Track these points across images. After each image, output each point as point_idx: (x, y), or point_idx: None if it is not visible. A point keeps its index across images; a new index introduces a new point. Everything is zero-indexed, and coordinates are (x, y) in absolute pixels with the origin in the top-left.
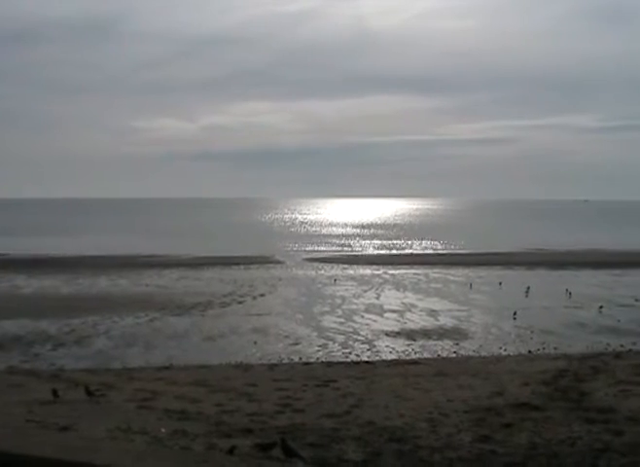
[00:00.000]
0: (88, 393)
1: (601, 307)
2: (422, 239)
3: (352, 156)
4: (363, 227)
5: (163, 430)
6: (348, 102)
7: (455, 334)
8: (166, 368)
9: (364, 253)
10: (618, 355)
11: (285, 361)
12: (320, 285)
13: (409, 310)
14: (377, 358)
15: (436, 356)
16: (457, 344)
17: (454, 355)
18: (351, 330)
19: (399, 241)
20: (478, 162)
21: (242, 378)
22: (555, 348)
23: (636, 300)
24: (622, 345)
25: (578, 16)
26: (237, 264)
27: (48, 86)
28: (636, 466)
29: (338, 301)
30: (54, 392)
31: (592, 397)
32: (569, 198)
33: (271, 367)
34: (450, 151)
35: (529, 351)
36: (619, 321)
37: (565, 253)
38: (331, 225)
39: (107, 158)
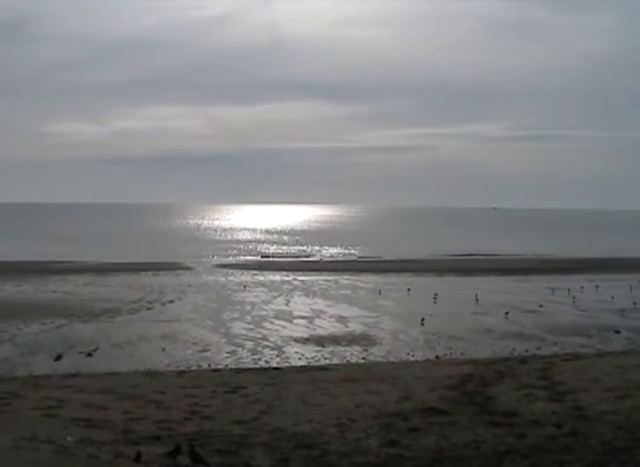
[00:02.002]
0: None
1: (507, 313)
2: (333, 246)
3: (264, 162)
4: (274, 233)
5: (69, 438)
6: (261, 108)
7: (364, 340)
8: (73, 375)
9: (274, 259)
10: (522, 360)
11: (194, 368)
12: (230, 291)
13: (319, 317)
14: (287, 364)
15: (345, 362)
16: (366, 350)
17: (363, 361)
18: (260, 336)
19: (309, 248)
20: (388, 170)
21: (150, 386)
22: (462, 354)
23: (540, 306)
24: (526, 350)
25: (487, 28)
26: (146, 270)
27: None
28: None
29: (248, 307)
30: None
31: (497, 401)
32: (479, 206)
33: (180, 374)
34: (362, 158)
35: (436, 357)
36: (524, 327)
37: (473, 260)
38: (242, 231)
39: (15, 162)
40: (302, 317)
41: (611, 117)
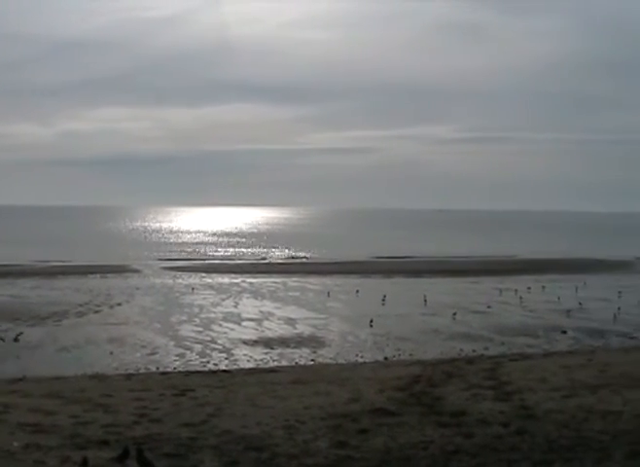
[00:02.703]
0: None
1: (455, 314)
2: (281, 248)
3: (214, 164)
4: (223, 235)
5: (16, 444)
6: (210, 110)
7: (313, 342)
8: (20, 380)
9: (223, 262)
10: (470, 360)
11: (142, 371)
12: (178, 294)
13: (268, 319)
14: (235, 367)
15: (293, 364)
16: (315, 352)
17: (312, 363)
18: (209, 339)
19: (258, 250)
20: (338, 172)
21: (98, 389)
22: (411, 355)
23: (488, 306)
24: (474, 351)
25: (435, 30)
26: (94, 273)
27: None
28: (484, 466)
29: (196, 309)
30: None
31: (445, 401)
32: (426, 208)
33: (128, 377)
34: (311, 160)
35: (385, 358)
36: (471, 327)
37: (421, 261)
38: (191, 234)
39: None
40: (251, 319)
41: (557, 119)
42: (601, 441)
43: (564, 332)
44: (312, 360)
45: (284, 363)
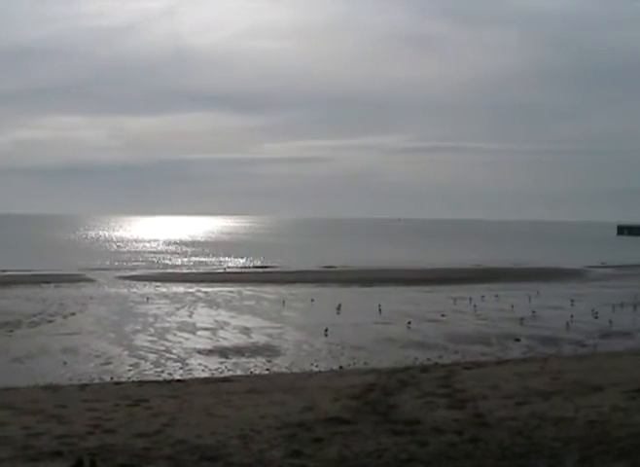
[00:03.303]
0: None
1: (409, 323)
2: (237, 257)
3: (169, 173)
4: (178, 244)
5: None
6: (165, 119)
7: (268, 351)
8: None
9: (177, 271)
10: (424, 369)
11: (96, 381)
12: (132, 303)
13: (223, 328)
14: (190, 376)
15: (248, 373)
16: (270, 361)
17: (267, 372)
18: (164, 348)
19: (213, 259)
20: (293, 181)
21: (51, 400)
22: (365, 363)
23: (442, 315)
24: (428, 359)
25: (388, 41)
26: (47, 282)
27: None
28: None
29: (151, 319)
30: None
31: (400, 410)
32: (383, 217)
33: (82, 387)
34: (266, 169)
35: (340, 367)
36: (426, 336)
37: (376, 270)
38: (146, 242)
39: None
40: (206, 329)
41: (510, 129)
42: (553, 447)
43: (518, 340)
44: (267, 369)
45: (239, 372)
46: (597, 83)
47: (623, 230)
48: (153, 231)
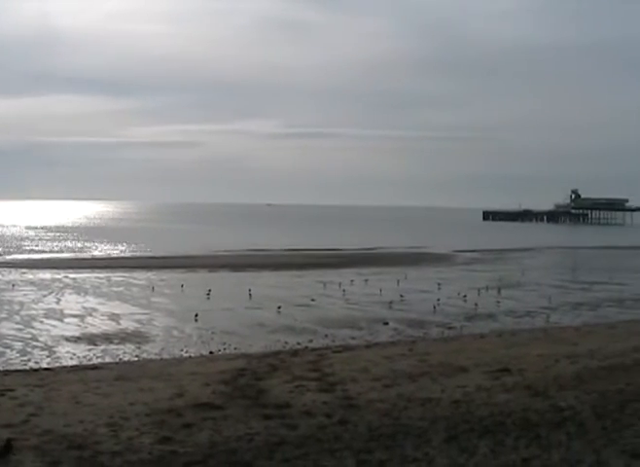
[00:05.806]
0: None
1: (279, 308)
2: (104, 243)
3: (37, 156)
4: (45, 230)
5: None
6: (30, 101)
7: (137, 337)
8: None
9: (44, 256)
10: (294, 353)
11: None
12: None
13: (91, 315)
14: (57, 364)
15: (117, 360)
16: (139, 348)
17: (136, 359)
18: (30, 336)
19: (80, 244)
20: (162, 166)
21: None
22: (236, 348)
23: (312, 299)
24: (298, 343)
25: (262, 27)
26: None
27: None
28: (308, 456)
29: (16, 307)
30: None
31: (270, 394)
32: (254, 202)
33: None
34: (135, 154)
35: (210, 352)
36: (296, 320)
37: (247, 255)
38: (11, 228)
39: None
40: (74, 316)
41: (382, 116)
42: (420, 427)
43: (386, 323)
44: (137, 356)
45: (108, 359)
46: (470, 72)
47: (489, 215)
48: (18, 216)
